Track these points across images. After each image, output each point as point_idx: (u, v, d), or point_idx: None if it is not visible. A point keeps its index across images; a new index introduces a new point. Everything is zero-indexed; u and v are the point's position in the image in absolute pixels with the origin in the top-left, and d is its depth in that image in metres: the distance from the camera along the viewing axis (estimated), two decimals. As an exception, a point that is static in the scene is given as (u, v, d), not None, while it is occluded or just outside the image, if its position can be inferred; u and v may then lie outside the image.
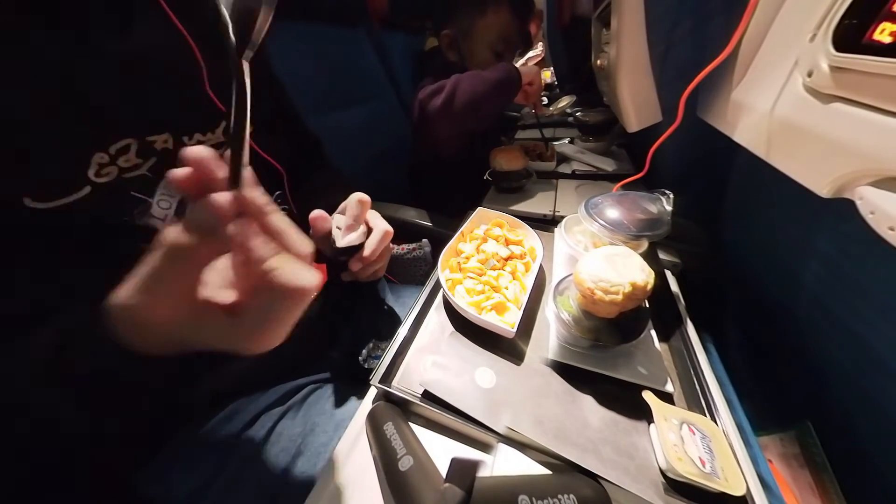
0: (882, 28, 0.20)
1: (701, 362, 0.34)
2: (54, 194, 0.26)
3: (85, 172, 0.27)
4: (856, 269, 0.31)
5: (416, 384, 0.33)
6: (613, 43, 0.47)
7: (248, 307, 0.20)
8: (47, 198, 0.26)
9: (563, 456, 0.26)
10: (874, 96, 0.21)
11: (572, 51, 1.47)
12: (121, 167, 0.29)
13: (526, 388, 0.33)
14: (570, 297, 0.36)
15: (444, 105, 0.69)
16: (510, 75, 0.70)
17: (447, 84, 0.70)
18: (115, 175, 0.29)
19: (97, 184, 0.28)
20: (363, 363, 0.43)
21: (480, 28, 0.80)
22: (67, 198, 0.27)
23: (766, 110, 0.29)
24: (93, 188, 0.28)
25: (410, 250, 0.67)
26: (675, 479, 0.26)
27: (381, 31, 0.93)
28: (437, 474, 0.26)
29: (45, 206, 0.26)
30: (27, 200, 0.25)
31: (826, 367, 0.36)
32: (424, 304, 0.42)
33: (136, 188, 0.31)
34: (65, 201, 0.27)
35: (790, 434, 0.35)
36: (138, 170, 0.30)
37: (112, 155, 0.29)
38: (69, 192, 0.27)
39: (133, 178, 0.30)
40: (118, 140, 0.29)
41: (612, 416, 0.30)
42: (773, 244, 0.43)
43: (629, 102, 0.49)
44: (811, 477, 0.33)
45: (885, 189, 0.21)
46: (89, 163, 0.27)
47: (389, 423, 0.29)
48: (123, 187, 0.30)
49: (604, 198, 0.43)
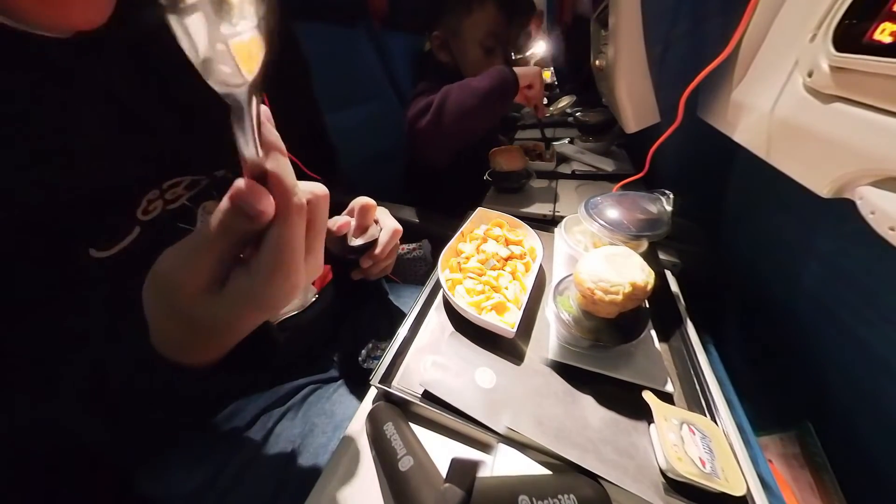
0: (882, 28, 0.20)
1: (701, 362, 0.34)
2: (113, 241, 0.26)
3: (135, 213, 0.27)
4: (856, 269, 0.31)
5: (416, 384, 0.33)
6: (611, 44, 0.47)
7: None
8: (108, 246, 0.26)
9: (563, 456, 0.26)
10: (874, 96, 0.21)
11: (572, 51, 1.47)
12: (166, 200, 0.29)
13: (526, 388, 0.32)
14: (570, 297, 0.36)
15: (432, 125, 0.66)
16: (504, 80, 0.66)
17: (434, 100, 0.66)
18: (161, 209, 0.29)
19: (145, 222, 0.28)
20: (363, 363, 0.43)
21: (468, 26, 0.79)
22: (123, 242, 0.26)
23: (766, 110, 0.29)
24: (142, 228, 0.27)
25: (410, 250, 0.67)
26: (675, 479, 0.26)
27: (381, 31, 0.93)
28: (437, 474, 0.26)
29: (107, 255, 0.26)
30: (93, 251, 0.25)
31: (826, 367, 0.36)
32: (424, 304, 0.42)
33: (181, 219, 0.31)
34: (121, 246, 0.26)
35: (790, 434, 0.35)
36: (179, 200, 0.30)
37: (162, 190, 0.28)
38: (124, 235, 0.26)
39: (175, 209, 0.30)
40: (172, 178, 0.29)
41: (612, 416, 0.30)
42: (773, 244, 0.43)
43: (627, 103, 0.49)
44: (811, 477, 0.33)
45: (885, 189, 0.21)
46: (139, 202, 0.27)
47: (389, 424, 0.29)
48: (169, 221, 0.29)
49: (604, 198, 0.43)
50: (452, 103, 0.65)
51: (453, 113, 0.65)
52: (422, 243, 0.67)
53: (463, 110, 0.65)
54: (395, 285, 0.61)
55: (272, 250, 0.17)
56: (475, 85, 0.65)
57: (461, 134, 0.68)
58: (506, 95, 0.68)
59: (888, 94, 0.20)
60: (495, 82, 0.65)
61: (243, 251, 0.18)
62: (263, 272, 0.17)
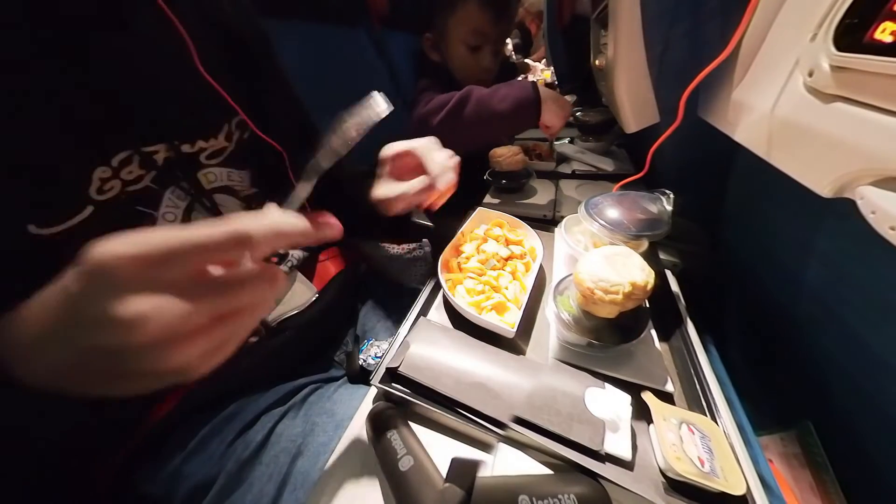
0: (883, 27, 0.20)
1: (701, 362, 0.34)
2: (57, 219, 0.25)
3: (86, 191, 0.26)
4: (857, 269, 0.31)
5: (415, 384, 0.33)
6: (611, 44, 0.47)
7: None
8: (50, 223, 0.24)
9: (564, 455, 0.26)
10: (875, 96, 0.21)
11: (572, 50, 1.47)
12: (124, 180, 0.28)
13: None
14: (570, 297, 0.36)
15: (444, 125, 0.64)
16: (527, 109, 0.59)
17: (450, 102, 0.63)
18: (119, 189, 0.28)
19: (100, 202, 0.26)
20: (363, 363, 0.43)
21: (452, 25, 0.80)
22: (70, 221, 0.25)
23: (766, 110, 0.29)
24: (95, 207, 0.26)
25: (410, 250, 0.66)
26: (674, 478, 0.26)
27: (381, 31, 0.93)
28: (437, 474, 0.26)
29: (49, 232, 0.24)
30: (31, 227, 0.24)
31: (827, 367, 0.36)
32: (424, 304, 0.42)
33: (142, 202, 0.29)
34: (67, 225, 0.25)
35: (791, 433, 0.35)
36: (142, 181, 0.29)
37: (114, 168, 0.27)
38: (71, 214, 0.25)
39: (137, 191, 0.29)
40: (118, 152, 0.27)
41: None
42: (773, 244, 0.43)
43: (627, 103, 0.49)
44: (812, 476, 0.33)
45: (885, 189, 0.21)
46: (90, 179, 0.26)
47: (389, 424, 0.29)
48: (128, 203, 0.28)
49: (604, 198, 0.43)
50: (468, 116, 0.63)
51: (468, 125, 0.63)
52: (422, 243, 0.67)
53: (478, 125, 0.63)
54: (395, 285, 0.61)
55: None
56: (496, 106, 0.61)
57: (471, 144, 0.66)
58: (525, 122, 0.64)
59: (889, 93, 0.20)
60: (516, 107, 0.61)
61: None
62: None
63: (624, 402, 0.29)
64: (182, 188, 0.32)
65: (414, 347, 0.34)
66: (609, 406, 0.28)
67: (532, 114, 0.61)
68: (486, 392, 0.30)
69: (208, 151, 0.34)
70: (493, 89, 0.64)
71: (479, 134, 0.66)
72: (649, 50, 0.45)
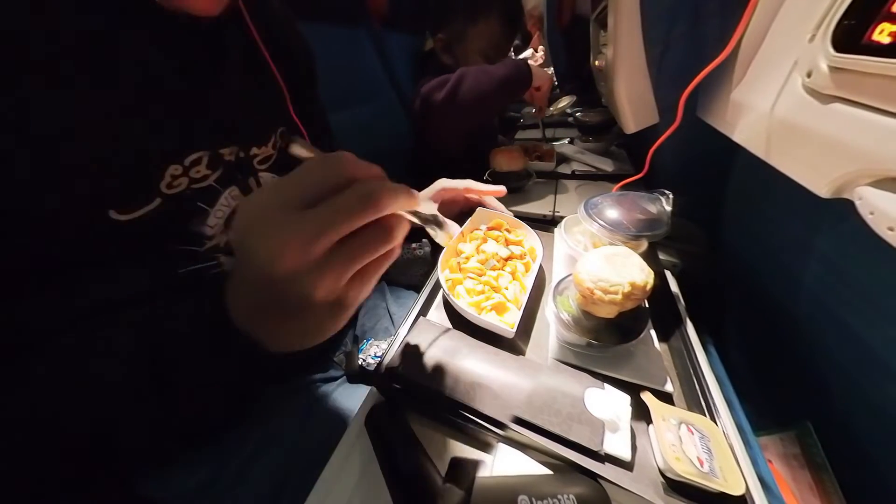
0: (881, 28, 0.20)
1: (701, 362, 0.34)
2: (133, 206, 0.27)
3: (158, 185, 0.28)
4: (856, 269, 0.31)
5: (415, 384, 0.33)
6: (610, 45, 0.47)
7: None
8: (128, 210, 0.26)
9: (563, 455, 0.26)
10: (873, 97, 0.21)
11: (572, 51, 1.47)
12: (191, 178, 0.30)
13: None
14: (570, 297, 0.36)
15: (447, 101, 0.69)
16: (520, 72, 0.70)
17: (451, 77, 0.70)
18: (185, 186, 0.30)
19: (167, 195, 0.28)
20: (362, 363, 0.43)
21: (472, 35, 0.82)
22: (142, 210, 0.27)
23: (765, 110, 0.29)
24: (163, 200, 0.28)
25: (410, 250, 0.67)
26: (673, 479, 0.26)
27: (381, 31, 0.93)
28: (437, 474, 0.26)
29: (124, 219, 0.26)
30: (112, 213, 0.26)
31: (826, 367, 0.36)
32: (424, 304, 0.42)
33: (202, 199, 0.31)
34: (138, 214, 0.27)
35: (790, 434, 0.35)
36: (206, 181, 0.31)
37: (185, 167, 0.29)
38: (143, 204, 0.27)
39: (200, 189, 0.31)
40: (192, 152, 0.30)
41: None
42: (772, 244, 0.43)
43: (626, 104, 0.49)
44: (811, 477, 0.33)
45: (884, 189, 0.21)
46: (163, 175, 0.28)
47: (389, 423, 0.29)
48: (190, 198, 0.30)
49: (603, 198, 0.43)
50: (469, 83, 0.68)
51: (469, 91, 0.68)
52: (422, 243, 0.67)
53: (478, 90, 0.68)
54: (394, 286, 0.61)
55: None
56: (492, 70, 0.69)
57: (474, 113, 0.72)
58: (519, 86, 0.72)
59: (887, 94, 0.20)
60: (512, 72, 0.69)
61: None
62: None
63: (623, 402, 0.29)
64: (241, 189, 0.35)
65: (413, 347, 0.34)
66: (608, 406, 0.29)
67: (524, 73, 0.70)
68: (486, 392, 0.30)
69: (260, 157, 0.37)
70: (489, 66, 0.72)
71: (479, 103, 0.70)
72: (649, 51, 0.45)
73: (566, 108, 1.03)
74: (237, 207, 0.23)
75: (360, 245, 0.19)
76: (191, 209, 0.31)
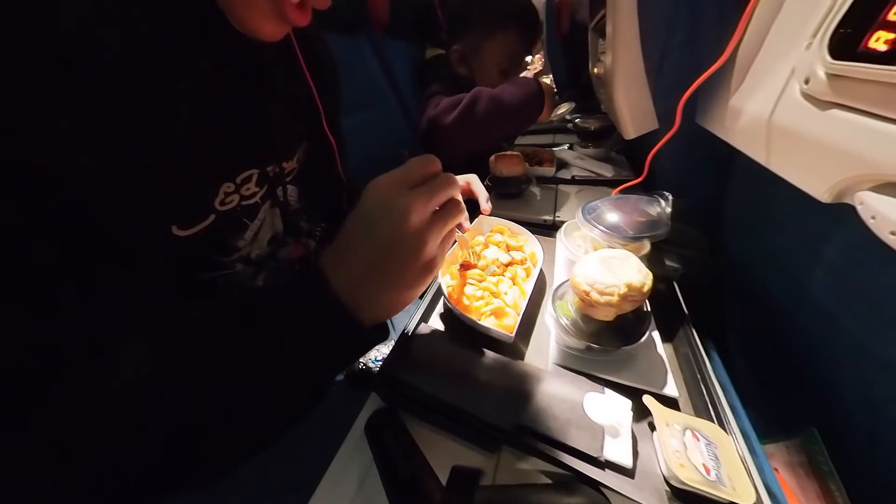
0: (877, 36, 0.20)
1: (707, 367, 0.33)
2: (192, 222, 0.28)
3: (213, 202, 0.29)
4: (859, 274, 0.31)
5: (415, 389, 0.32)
6: (609, 53, 0.48)
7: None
8: (187, 226, 0.27)
9: (566, 463, 0.26)
10: (870, 103, 0.21)
11: (571, 58, 1.48)
12: (242, 195, 0.31)
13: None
14: (569, 301, 0.36)
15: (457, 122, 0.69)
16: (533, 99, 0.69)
17: (463, 101, 0.69)
18: (236, 203, 0.31)
19: (220, 211, 0.29)
20: (363, 368, 0.43)
21: (489, 48, 0.82)
22: (199, 226, 0.28)
23: (764, 116, 0.29)
24: (216, 216, 0.29)
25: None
26: (679, 487, 0.25)
27: (382, 38, 0.95)
28: (438, 482, 0.26)
29: (185, 234, 0.27)
30: (175, 229, 0.27)
31: (831, 373, 0.35)
32: (425, 310, 0.41)
33: (247, 214, 0.32)
34: (195, 230, 0.28)
35: (796, 441, 0.35)
36: (254, 198, 0.32)
37: (237, 184, 0.30)
38: (200, 220, 0.28)
39: (248, 205, 0.32)
40: (244, 170, 0.31)
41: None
42: (774, 249, 0.43)
43: (625, 110, 0.49)
44: (818, 486, 0.32)
45: (885, 194, 0.21)
46: (218, 192, 0.29)
47: (389, 430, 0.29)
48: (238, 214, 0.31)
49: (601, 202, 0.43)
50: (481, 112, 0.68)
51: (481, 122, 0.68)
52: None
53: (491, 117, 0.68)
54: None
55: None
56: (507, 101, 0.68)
57: (484, 139, 0.72)
58: (533, 111, 0.72)
59: (884, 100, 0.20)
60: (526, 98, 0.69)
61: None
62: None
63: (624, 407, 0.29)
64: (273, 203, 0.36)
65: (414, 353, 0.33)
66: (609, 411, 0.28)
67: (539, 101, 0.70)
68: (486, 398, 0.30)
69: (287, 170, 0.38)
70: (501, 88, 0.71)
71: (490, 129, 0.70)
72: (647, 58, 0.45)
73: (565, 114, 1.04)
74: (367, 188, 0.26)
75: (447, 210, 0.27)
76: (236, 224, 0.32)
